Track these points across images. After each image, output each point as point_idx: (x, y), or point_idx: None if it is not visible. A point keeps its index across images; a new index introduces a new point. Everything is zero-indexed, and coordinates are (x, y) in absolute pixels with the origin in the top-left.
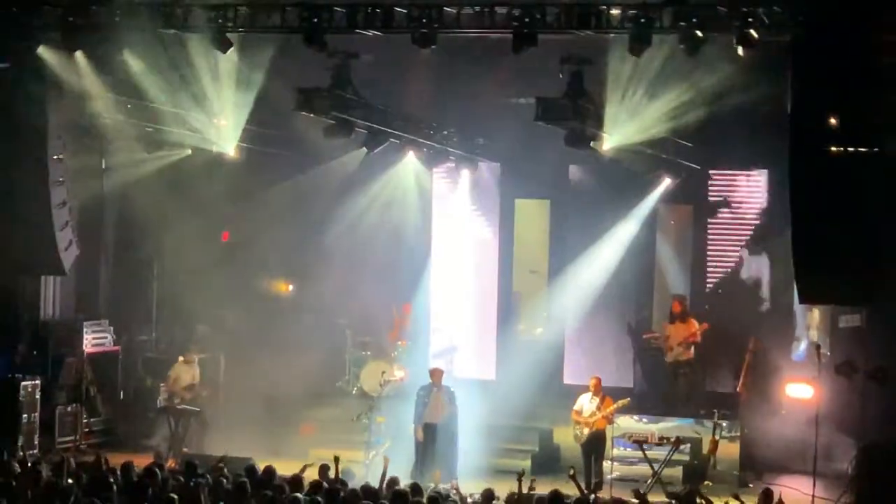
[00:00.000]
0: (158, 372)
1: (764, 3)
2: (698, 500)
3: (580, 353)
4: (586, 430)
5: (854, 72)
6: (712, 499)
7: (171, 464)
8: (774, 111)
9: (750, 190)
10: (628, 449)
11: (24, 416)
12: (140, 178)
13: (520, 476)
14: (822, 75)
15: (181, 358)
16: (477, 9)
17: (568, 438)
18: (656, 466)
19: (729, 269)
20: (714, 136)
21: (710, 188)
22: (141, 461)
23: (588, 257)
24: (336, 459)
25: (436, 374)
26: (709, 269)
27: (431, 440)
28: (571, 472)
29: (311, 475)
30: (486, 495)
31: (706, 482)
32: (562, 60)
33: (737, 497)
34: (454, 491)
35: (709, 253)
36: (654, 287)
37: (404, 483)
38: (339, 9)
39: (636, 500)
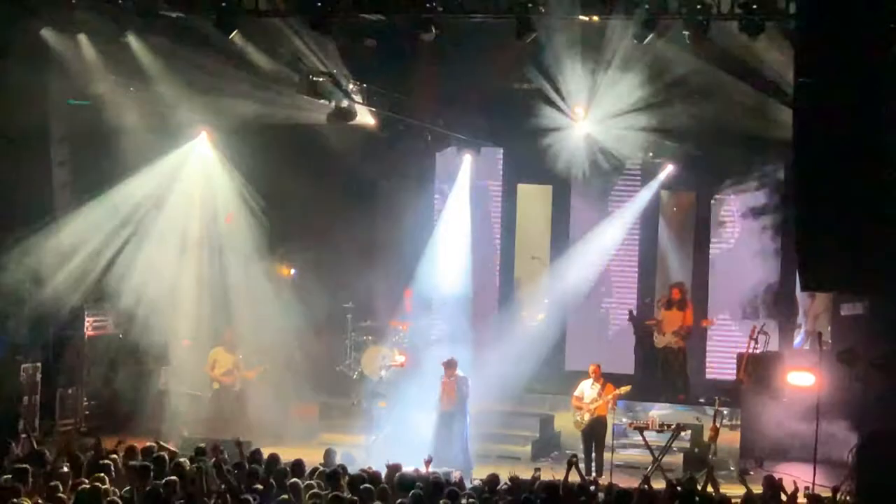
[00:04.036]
0: (159, 355)
1: None
2: (699, 487)
3: (581, 340)
4: (587, 416)
5: (861, 59)
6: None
7: (170, 446)
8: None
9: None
10: (629, 436)
11: (25, 398)
12: (143, 160)
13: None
14: (828, 62)
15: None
16: None
17: (568, 424)
18: (657, 453)
19: (731, 256)
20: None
21: (713, 174)
22: (141, 444)
23: (590, 243)
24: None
25: (447, 363)
26: (711, 256)
27: (442, 427)
28: (574, 459)
29: None
30: (490, 481)
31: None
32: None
33: (743, 481)
34: (456, 478)
35: (712, 239)
36: (657, 274)
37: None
38: None
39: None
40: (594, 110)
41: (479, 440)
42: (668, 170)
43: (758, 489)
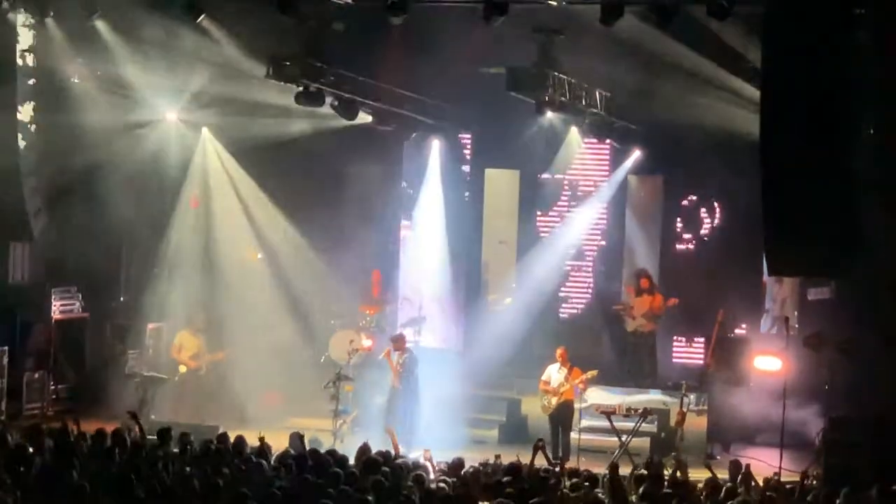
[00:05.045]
0: (127, 338)
1: None
2: (666, 471)
3: (548, 324)
4: (554, 401)
5: (827, 43)
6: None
7: (138, 430)
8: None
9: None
10: (596, 420)
11: None
12: (111, 145)
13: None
14: (794, 45)
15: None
16: None
17: (536, 409)
18: (624, 438)
19: (698, 240)
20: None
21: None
22: (108, 428)
23: (557, 228)
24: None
25: (395, 340)
26: (678, 240)
27: (388, 404)
28: (540, 443)
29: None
30: (455, 464)
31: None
32: (533, 30)
33: (708, 466)
34: (426, 461)
35: (679, 223)
36: (624, 258)
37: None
38: None
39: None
40: (559, 94)
41: (445, 424)
42: (636, 155)
43: (724, 474)
